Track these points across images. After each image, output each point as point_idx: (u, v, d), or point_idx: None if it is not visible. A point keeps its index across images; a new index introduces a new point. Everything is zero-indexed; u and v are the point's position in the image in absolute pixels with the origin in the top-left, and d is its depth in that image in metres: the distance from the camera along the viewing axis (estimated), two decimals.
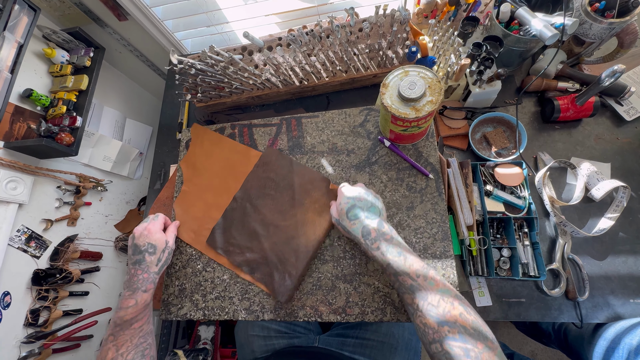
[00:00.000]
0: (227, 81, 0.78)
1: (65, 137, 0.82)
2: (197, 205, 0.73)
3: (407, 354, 0.71)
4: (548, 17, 0.64)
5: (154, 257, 0.59)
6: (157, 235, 0.61)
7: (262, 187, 0.70)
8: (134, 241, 0.60)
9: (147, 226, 0.62)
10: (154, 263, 0.59)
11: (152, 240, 0.60)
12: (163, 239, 0.62)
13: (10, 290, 0.77)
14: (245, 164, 0.74)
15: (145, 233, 0.60)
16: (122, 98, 1.18)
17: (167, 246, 0.62)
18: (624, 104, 0.73)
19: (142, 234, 0.60)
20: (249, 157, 0.74)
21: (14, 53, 0.74)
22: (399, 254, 0.47)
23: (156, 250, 0.60)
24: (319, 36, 0.74)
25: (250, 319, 0.64)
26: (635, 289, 0.63)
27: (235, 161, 0.75)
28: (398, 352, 0.70)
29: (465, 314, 0.41)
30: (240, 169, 0.74)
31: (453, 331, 0.39)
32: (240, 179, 0.72)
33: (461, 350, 0.38)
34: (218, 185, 0.74)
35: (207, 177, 0.75)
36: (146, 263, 0.58)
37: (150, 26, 0.96)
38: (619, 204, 0.66)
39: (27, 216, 0.83)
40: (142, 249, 0.59)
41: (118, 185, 1.13)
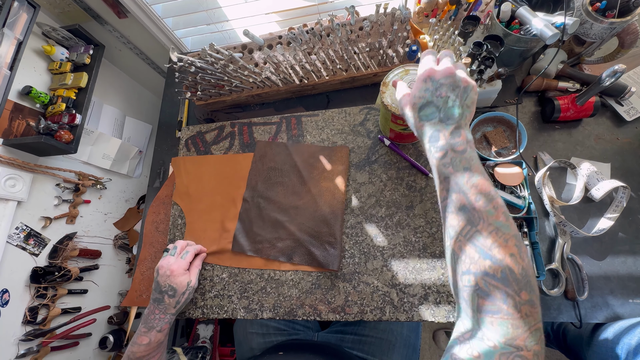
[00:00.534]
0: (227, 79, 0.77)
1: (64, 134, 0.82)
2: (208, 229, 0.72)
3: (405, 351, 0.71)
4: (549, 16, 0.64)
5: (172, 300, 0.59)
6: (179, 279, 0.59)
7: (267, 179, 0.70)
8: (157, 278, 0.60)
9: (171, 266, 0.60)
10: (172, 305, 0.59)
11: (174, 283, 0.59)
12: (185, 282, 0.60)
13: (8, 287, 0.77)
14: (239, 169, 0.73)
15: (168, 274, 0.59)
16: (121, 96, 1.18)
17: (188, 287, 0.61)
18: (624, 104, 0.73)
19: (164, 274, 0.59)
20: (240, 161, 0.74)
21: (13, 50, 0.74)
22: (464, 169, 0.38)
23: (176, 293, 0.59)
24: (320, 35, 0.74)
25: (249, 317, 0.63)
26: (634, 289, 0.63)
27: (227, 171, 0.74)
28: (396, 349, 0.70)
29: (517, 256, 0.34)
30: (236, 175, 0.73)
31: (496, 268, 0.33)
32: (240, 184, 0.72)
33: (498, 293, 0.32)
34: (221, 201, 0.73)
35: (206, 200, 0.74)
36: (164, 304, 0.58)
37: (150, 24, 0.96)
38: (619, 204, 0.66)
39: (26, 214, 0.83)
40: (163, 289, 0.58)
41: (117, 183, 1.13)
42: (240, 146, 0.77)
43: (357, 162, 0.69)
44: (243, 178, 0.72)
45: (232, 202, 0.72)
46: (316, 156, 0.69)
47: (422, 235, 0.61)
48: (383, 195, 0.65)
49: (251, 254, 0.66)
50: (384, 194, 0.66)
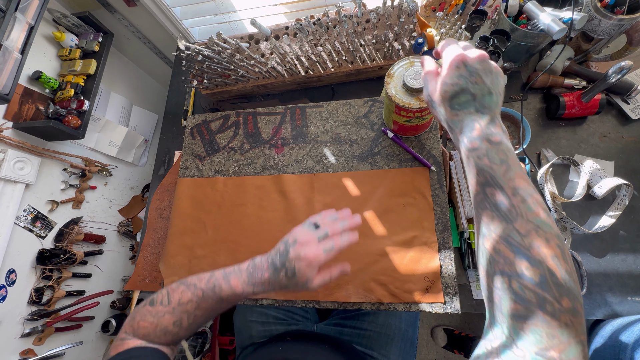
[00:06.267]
0: (233, 69, 0.78)
1: (72, 120, 0.83)
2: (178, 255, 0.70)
3: (403, 345, 0.71)
4: (557, 11, 0.64)
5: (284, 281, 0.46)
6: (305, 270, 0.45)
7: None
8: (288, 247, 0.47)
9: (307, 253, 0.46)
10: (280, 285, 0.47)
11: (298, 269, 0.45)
12: (305, 278, 0.46)
13: (15, 268, 0.79)
14: (209, 192, 0.74)
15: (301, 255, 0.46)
16: (129, 85, 1.19)
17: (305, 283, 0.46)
18: (630, 102, 0.73)
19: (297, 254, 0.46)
20: (214, 185, 0.74)
21: (25, 34, 0.75)
22: (501, 162, 0.35)
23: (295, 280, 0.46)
24: (326, 26, 0.74)
25: (249, 303, 0.64)
26: (633, 287, 0.63)
27: (198, 195, 0.74)
28: (394, 343, 0.71)
29: (559, 258, 0.30)
30: (207, 200, 0.73)
31: (535, 271, 0.30)
32: (211, 208, 0.72)
33: (535, 297, 0.29)
34: (192, 225, 0.72)
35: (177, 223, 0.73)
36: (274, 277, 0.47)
37: (158, 13, 0.97)
38: (621, 202, 0.66)
39: (34, 196, 0.85)
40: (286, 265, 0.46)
41: (123, 170, 1.14)
42: (244, 135, 0.78)
43: (359, 154, 0.69)
44: (214, 203, 0.72)
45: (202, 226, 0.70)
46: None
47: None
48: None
49: None
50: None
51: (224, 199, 0.72)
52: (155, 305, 0.49)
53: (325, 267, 0.49)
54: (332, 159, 0.70)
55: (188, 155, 0.79)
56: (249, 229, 0.69)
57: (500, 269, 0.32)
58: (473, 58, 0.38)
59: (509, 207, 0.33)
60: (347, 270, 0.51)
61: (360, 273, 0.61)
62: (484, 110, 0.37)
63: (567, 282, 0.29)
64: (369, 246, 0.62)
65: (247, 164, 0.74)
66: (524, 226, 0.32)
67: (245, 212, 0.70)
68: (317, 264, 0.46)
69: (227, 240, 0.69)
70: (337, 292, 0.61)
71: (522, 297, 0.30)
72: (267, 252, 0.51)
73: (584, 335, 0.28)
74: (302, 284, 0.46)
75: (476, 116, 0.37)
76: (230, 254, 0.68)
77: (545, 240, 0.31)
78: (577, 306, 0.29)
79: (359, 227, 0.61)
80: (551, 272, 0.29)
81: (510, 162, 0.35)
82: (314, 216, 0.52)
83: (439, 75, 0.40)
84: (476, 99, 0.37)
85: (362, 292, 0.60)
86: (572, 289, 0.29)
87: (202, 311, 0.48)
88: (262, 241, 0.67)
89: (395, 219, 0.63)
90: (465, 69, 0.38)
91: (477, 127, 0.37)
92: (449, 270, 0.59)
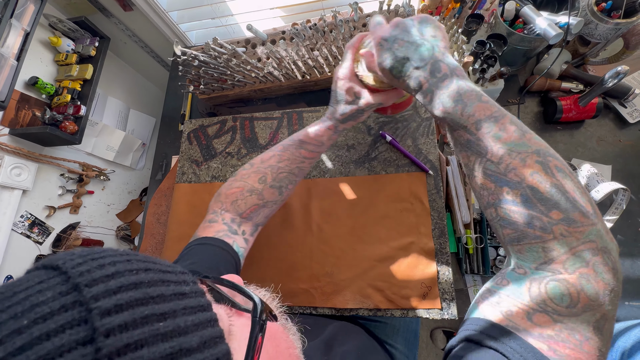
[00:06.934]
0: (230, 74, 0.78)
1: (69, 125, 0.83)
2: None
3: (407, 335, 0.72)
4: (553, 16, 0.64)
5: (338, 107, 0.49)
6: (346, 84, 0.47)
7: None
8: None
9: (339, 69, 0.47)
10: (338, 112, 0.49)
11: (340, 88, 0.47)
12: (352, 91, 0.47)
13: (13, 274, 0.79)
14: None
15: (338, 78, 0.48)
16: (126, 89, 1.19)
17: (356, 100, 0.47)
18: (627, 106, 0.73)
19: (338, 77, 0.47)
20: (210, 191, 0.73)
21: (20, 41, 0.75)
22: (455, 102, 0.35)
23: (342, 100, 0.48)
24: (323, 31, 0.74)
25: None
26: (631, 292, 0.63)
27: (195, 201, 0.74)
28: (400, 333, 0.71)
29: (542, 173, 0.29)
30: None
31: (515, 193, 0.30)
32: None
33: (521, 217, 0.29)
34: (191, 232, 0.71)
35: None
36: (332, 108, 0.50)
37: (155, 17, 0.97)
38: (618, 206, 0.66)
39: (31, 202, 0.84)
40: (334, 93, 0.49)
41: (121, 175, 1.14)
42: (241, 140, 0.77)
43: (356, 159, 0.69)
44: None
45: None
46: None
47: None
48: None
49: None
50: None
51: None
52: (238, 174, 0.53)
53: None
54: (329, 164, 0.70)
55: (185, 161, 0.78)
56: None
57: (487, 202, 0.33)
58: (386, 29, 0.39)
59: (477, 142, 0.33)
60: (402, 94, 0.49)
61: (357, 279, 0.61)
62: (421, 62, 0.37)
63: (553, 194, 0.29)
64: (366, 252, 0.62)
65: None
66: (495, 154, 0.32)
67: None
68: (346, 74, 0.46)
69: None
70: (335, 298, 0.61)
71: (510, 220, 0.30)
72: None
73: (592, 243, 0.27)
74: (352, 101, 0.47)
75: (418, 72, 0.37)
76: None
77: (520, 160, 0.30)
78: (572, 215, 0.28)
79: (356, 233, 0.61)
80: (532, 188, 0.29)
81: (465, 98, 0.35)
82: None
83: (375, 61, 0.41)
84: (410, 59, 0.37)
85: (359, 298, 0.60)
86: (560, 201, 0.28)
87: (285, 162, 0.52)
88: (260, 247, 0.67)
89: (392, 224, 0.63)
90: (386, 43, 0.39)
91: (423, 81, 0.37)
92: (446, 276, 0.59)
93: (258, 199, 0.51)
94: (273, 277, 0.64)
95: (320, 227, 0.65)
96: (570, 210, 0.28)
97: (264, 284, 0.64)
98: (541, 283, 0.27)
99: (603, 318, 0.25)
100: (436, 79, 0.36)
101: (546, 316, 0.26)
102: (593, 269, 0.26)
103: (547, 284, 0.27)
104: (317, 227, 0.66)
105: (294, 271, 0.64)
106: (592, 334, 0.25)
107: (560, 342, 0.25)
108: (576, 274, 0.26)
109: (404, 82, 0.39)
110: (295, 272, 0.64)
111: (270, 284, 0.63)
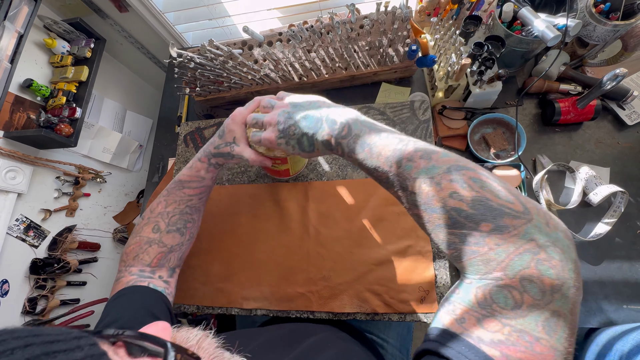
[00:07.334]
0: (226, 76, 0.77)
1: (64, 128, 0.82)
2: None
3: (401, 330, 0.72)
4: (551, 17, 0.64)
5: (216, 140, 0.52)
6: (232, 127, 0.50)
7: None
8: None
9: (235, 112, 0.51)
10: (214, 144, 0.53)
11: (227, 126, 0.51)
12: (232, 135, 0.50)
13: (8, 278, 0.78)
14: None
15: (231, 117, 0.51)
16: (122, 90, 1.18)
17: (232, 143, 0.51)
18: (626, 108, 0.72)
19: (231, 117, 0.51)
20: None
21: (14, 43, 0.74)
22: (362, 147, 0.37)
23: (222, 136, 0.52)
24: (319, 32, 0.73)
25: (244, 313, 0.64)
26: (629, 295, 0.62)
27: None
28: (393, 327, 0.72)
29: (461, 190, 0.29)
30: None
31: (444, 217, 0.30)
32: None
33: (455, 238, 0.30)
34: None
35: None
36: (213, 139, 0.54)
37: (151, 18, 0.96)
38: (617, 209, 0.66)
39: (26, 206, 0.84)
40: (222, 128, 0.52)
41: (117, 177, 1.13)
42: None
43: None
44: (208, 212, 0.70)
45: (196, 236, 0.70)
46: None
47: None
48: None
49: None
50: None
51: (218, 208, 0.71)
52: (134, 230, 0.54)
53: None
54: (326, 166, 0.70)
55: (182, 163, 0.78)
56: (243, 238, 0.68)
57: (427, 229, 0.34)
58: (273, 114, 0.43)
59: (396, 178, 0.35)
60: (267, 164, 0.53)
61: (354, 283, 0.61)
62: (317, 125, 0.40)
63: (477, 208, 0.29)
64: (363, 255, 0.62)
65: (240, 172, 0.73)
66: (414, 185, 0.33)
67: (239, 221, 0.69)
68: (239, 118, 0.50)
69: (221, 249, 0.68)
70: (332, 302, 0.61)
71: (447, 243, 0.31)
72: None
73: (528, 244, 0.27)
74: (231, 145, 0.50)
75: (319, 135, 0.40)
76: (224, 263, 0.67)
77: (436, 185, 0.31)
78: (502, 222, 0.28)
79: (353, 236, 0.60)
80: (456, 209, 0.29)
81: (368, 140, 0.37)
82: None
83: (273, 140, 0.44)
84: (307, 132, 0.40)
85: (356, 302, 0.60)
86: (485, 212, 0.28)
87: (172, 206, 0.53)
88: (256, 250, 0.66)
89: (390, 227, 0.63)
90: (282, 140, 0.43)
91: (327, 139, 0.39)
92: (444, 280, 0.58)
93: (159, 247, 0.52)
94: (270, 280, 0.64)
95: (317, 231, 0.65)
96: (498, 218, 0.28)
97: (260, 288, 0.64)
98: (485, 290, 0.27)
99: (554, 315, 0.25)
100: (336, 130, 0.38)
101: (495, 320, 0.26)
102: (536, 268, 0.26)
103: (490, 290, 0.27)
104: (314, 230, 0.65)
105: (291, 275, 0.64)
106: (543, 334, 0.24)
107: (511, 346, 0.24)
108: (517, 277, 0.26)
109: (319, 150, 0.42)
110: (292, 276, 0.63)
111: (267, 287, 0.63)
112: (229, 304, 0.64)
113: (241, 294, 0.64)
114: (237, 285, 0.65)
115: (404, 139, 0.35)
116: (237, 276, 0.66)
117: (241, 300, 0.64)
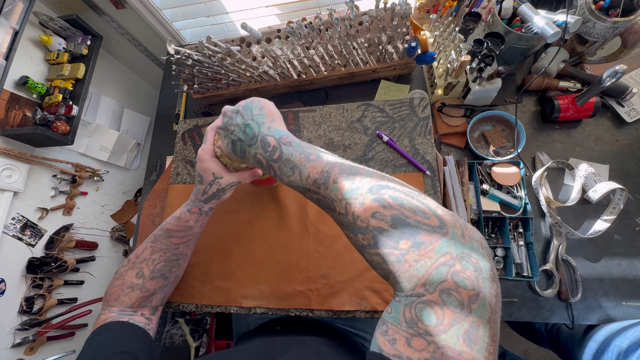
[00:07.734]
0: (224, 73, 0.77)
1: (60, 125, 0.81)
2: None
3: None
4: (551, 14, 0.63)
5: (200, 187, 0.52)
6: (204, 165, 0.51)
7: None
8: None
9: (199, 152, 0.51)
10: (200, 192, 0.53)
11: (200, 169, 0.51)
12: (210, 171, 0.51)
13: (4, 277, 0.78)
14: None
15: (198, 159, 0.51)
16: (120, 87, 1.17)
17: (215, 180, 0.51)
18: (625, 105, 0.72)
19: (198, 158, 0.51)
20: None
21: (9, 39, 0.73)
22: (291, 169, 0.38)
23: (202, 180, 0.52)
24: (318, 29, 0.73)
25: (243, 312, 0.64)
26: (628, 292, 0.63)
27: None
28: None
29: (380, 210, 0.30)
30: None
31: (367, 238, 0.31)
32: None
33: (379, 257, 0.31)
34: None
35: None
36: (195, 189, 0.54)
37: (148, 15, 0.95)
38: (616, 206, 0.66)
39: (23, 204, 0.83)
40: (196, 174, 0.53)
41: (115, 175, 1.13)
42: None
43: (353, 159, 0.68)
44: None
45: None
46: None
47: None
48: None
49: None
50: None
51: (217, 206, 0.71)
52: (118, 271, 0.54)
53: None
54: None
55: (179, 161, 0.77)
56: (242, 236, 0.68)
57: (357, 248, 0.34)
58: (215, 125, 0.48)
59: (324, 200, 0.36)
60: (258, 174, 0.55)
61: (354, 281, 0.61)
62: (252, 140, 0.41)
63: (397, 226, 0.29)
64: None
65: None
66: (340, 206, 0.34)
67: (238, 219, 0.69)
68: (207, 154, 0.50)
69: (219, 248, 0.68)
70: (331, 300, 0.61)
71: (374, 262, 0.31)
72: None
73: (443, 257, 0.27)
74: (214, 182, 0.51)
75: (254, 150, 0.41)
76: (223, 261, 0.67)
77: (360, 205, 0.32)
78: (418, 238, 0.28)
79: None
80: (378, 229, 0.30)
81: (297, 163, 0.37)
82: None
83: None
84: (243, 140, 0.42)
85: (356, 300, 0.60)
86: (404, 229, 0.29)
87: (158, 253, 0.53)
88: (256, 248, 0.66)
89: None
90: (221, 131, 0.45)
91: (260, 159, 0.40)
92: None
93: (142, 292, 0.53)
94: (269, 279, 0.64)
95: (316, 229, 0.65)
96: (416, 234, 0.29)
97: (259, 286, 0.64)
98: (411, 307, 0.28)
99: (473, 326, 0.25)
100: (268, 153, 0.40)
101: (421, 339, 0.26)
102: (452, 280, 0.26)
103: (415, 307, 0.27)
104: (313, 229, 0.65)
105: (290, 273, 0.63)
106: (464, 346, 0.25)
107: None
108: (437, 291, 0.27)
109: (250, 162, 0.43)
110: (291, 274, 0.63)
111: (266, 286, 0.63)
112: (227, 303, 0.64)
113: (240, 293, 0.64)
114: (236, 284, 0.65)
115: (331, 162, 0.36)
116: (236, 274, 0.65)
117: (240, 298, 0.64)
